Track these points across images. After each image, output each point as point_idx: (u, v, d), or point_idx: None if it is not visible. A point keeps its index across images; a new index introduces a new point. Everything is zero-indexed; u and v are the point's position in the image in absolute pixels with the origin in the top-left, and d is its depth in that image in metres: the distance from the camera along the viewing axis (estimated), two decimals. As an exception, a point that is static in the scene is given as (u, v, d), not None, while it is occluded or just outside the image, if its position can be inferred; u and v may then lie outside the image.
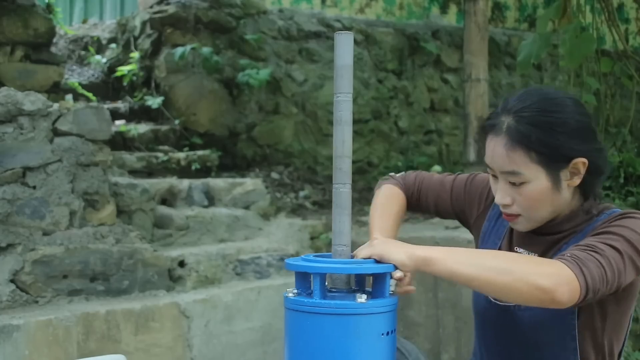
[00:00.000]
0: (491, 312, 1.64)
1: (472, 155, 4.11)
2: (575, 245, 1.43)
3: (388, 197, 1.77)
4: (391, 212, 1.72)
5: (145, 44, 5.22)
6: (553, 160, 1.46)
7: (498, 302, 1.60)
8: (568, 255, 1.37)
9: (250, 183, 4.47)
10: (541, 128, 1.44)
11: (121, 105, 5.09)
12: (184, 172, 4.61)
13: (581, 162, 1.47)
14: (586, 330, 1.52)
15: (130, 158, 4.45)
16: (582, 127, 1.48)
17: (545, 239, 1.57)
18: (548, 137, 1.44)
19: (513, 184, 1.48)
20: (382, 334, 1.29)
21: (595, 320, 1.50)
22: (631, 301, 1.53)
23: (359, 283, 1.40)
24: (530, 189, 1.47)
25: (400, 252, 1.34)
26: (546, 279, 1.30)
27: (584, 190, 1.53)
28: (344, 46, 1.32)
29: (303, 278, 1.36)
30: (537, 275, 1.31)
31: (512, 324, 1.58)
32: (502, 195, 1.50)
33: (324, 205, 4.73)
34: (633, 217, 1.47)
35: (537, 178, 1.46)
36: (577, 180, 1.50)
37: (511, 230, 1.64)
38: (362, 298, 1.27)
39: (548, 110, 1.47)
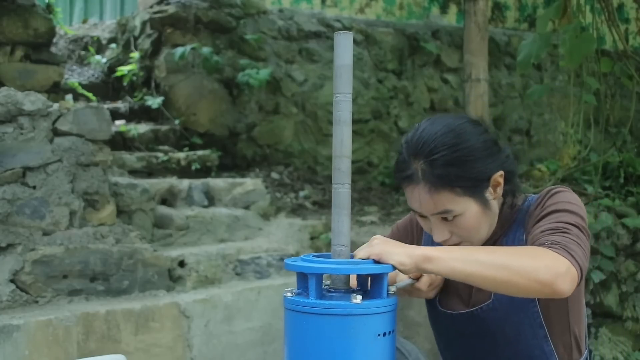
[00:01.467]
0: (455, 324, 1.65)
1: (472, 155, 4.11)
2: (536, 230, 1.47)
3: None
4: None
5: (145, 44, 5.22)
6: (476, 187, 1.51)
7: (460, 312, 1.62)
8: (548, 242, 1.40)
9: (250, 183, 4.47)
10: (455, 165, 1.48)
11: (121, 105, 5.09)
12: (184, 172, 4.61)
13: (498, 176, 1.54)
14: (552, 316, 1.56)
15: (130, 158, 4.45)
16: (488, 145, 1.54)
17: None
18: (465, 171, 1.49)
19: (446, 219, 1.52)
20: (379, 335, 1.28)
21: (556, 302, 1.54)
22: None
23: (360, 283, 1.40)
24: (465, 219, 1.52)
25: (399, 253, 1.35)
26: (544, 271, 1.33)
27: (506, 193, 1.60)
28: (344, 46, 1.32)
29: (303, 278, 1.36)
30: (535, 268, 1.33)
31: (479, 328, 1.61)
32: (439, 234, 1.54)
33: (324, 205, 4.73)
34: (561, 191, 1.55)
35: (468, 208, 1.51)
36: (500, 192, 1.56)
37: None
38: (357, 299, 1.27)
39: (454, 145, 1.49)
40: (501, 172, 1.54)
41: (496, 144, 1.57)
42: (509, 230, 1.60)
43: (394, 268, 1.34)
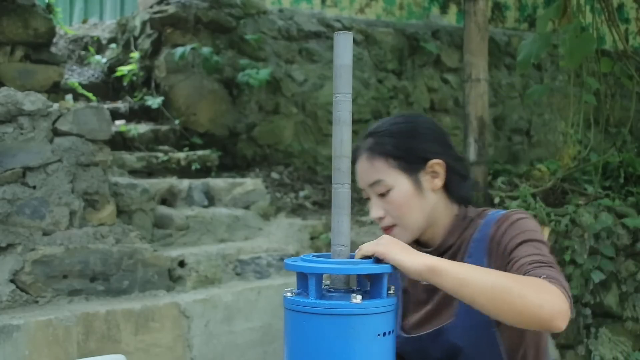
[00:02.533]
0: (421, 347, 1.64)
1: (472, 155, 4.11)
2: (519, 259, 1.45)
3: None
4: None
5: (145, 44, 5.22)
6: (409, 162, 1.57)
7: (427, 332, 1.62)
8: (544, 276, 1.38)
9: (250, 183, 4.47)
10: (395, 136, 1.58)
11: (121, 105, 5.09)
12: (184, 172, 4.61)
13: (437, 164, 1.58)
14: (509, 338, 1.57)
15: (130, 158, 4.45)
16: (434, 135, 1.62)
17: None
18: (402, 142, 1.57)
19: (382, 195, 1.58)
20: (379, 335, 1.28)
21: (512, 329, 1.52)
22: None
23: (361, 283, 1.39)
24: (396, 194, 1.57)
25: (404, 256, 1.33)
26: (548, 307, 1.31)
27: (451, 194, 1.62)
28: (343, 46, 1.32)
29: (303, 278, 1.36)
30: (537, 302, 1.31)
31: (442, 347, 1.60)
32: (375, 209, 1.60)
33: (324, 205, 4.73)
34: (524, 218, 1.57)
35: (399, 183, 1.57)
36: (438, 183, 1.59)
37: None
38: (356, 298, 1.27)
39: (400, 122, 1.63)
40: (440, 162, 1.58)
41: (447, 142, 1.64)
42: (468, 247, 1.59)
43: (394, 269, 1.34)
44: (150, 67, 5.17)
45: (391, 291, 1.36)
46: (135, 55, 5.20)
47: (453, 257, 1.61)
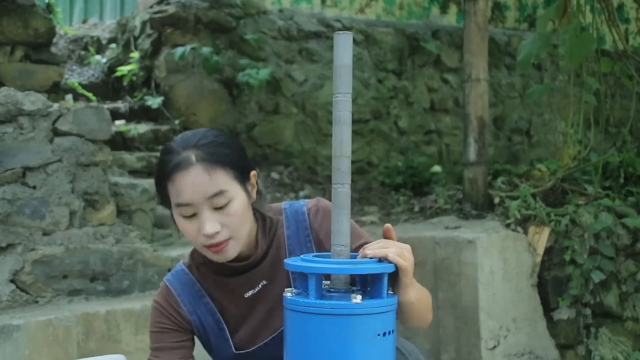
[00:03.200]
0: (263, 351, 1.66)
1: (472, 155, 4.11)
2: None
3: None
4: None
5: (145, 44, 5.22)
6: (241, 173, 1.56)
7: (273, 336, 1.63)
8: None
9: (250, 183, 4.46)
10: (224, 147, 1.55)
11: (121, 105, 5.09)
12: (184, 172, 4.60)
13: (254, 175, 1.61)
14: None
15: (130, 158, 4.45)
16: (241, 146, 1.62)
17: (260, 270, 1.63)
18: (233, 154, 1.56)
19: (219, 208, 1.52)
20: (379, 335, 1.28)
21: None
22: None
23: (361, 283, 1.40)
24: (235, 205, 1.53)
25: (409, 262, 1.38)
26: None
27: (259, 217, 1.66)
28: (343, 46, 1.32)
29: (303, 278, 1.36)
30: (430, 307, 1.58)
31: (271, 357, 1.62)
32: (211, 224, 1.52)
33: (324, 205, 4.72)
34: (329, 205, 1.64)
35: (237, 194, 1.54)
36: (254, 195, 1.61)
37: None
38: (357, 298, 1.27)
39: (220, 134, 1.59)
40: (255, 172, 1.61)
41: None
42: (286, 245, 1.63)
43: (395, 269, 1.34)
44: (150, 67, 5.17)
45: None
46: (135, 55, 5.20)
47: (275, 261, 1.62)
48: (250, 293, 1.63)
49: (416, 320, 1.50)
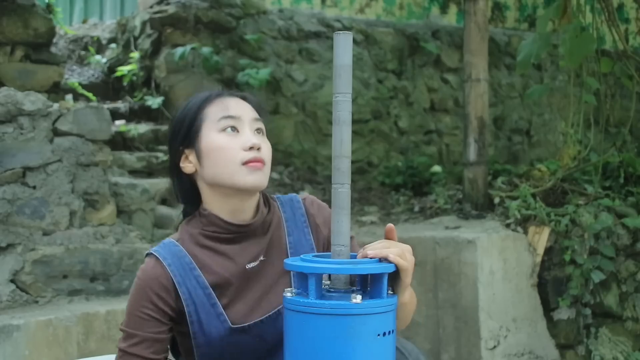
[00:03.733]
0: (254, 330, 1.60)
1: (472, 155, 4.11)
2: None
3: None
4: None
5: (145, 44, 5.22)
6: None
7: (269, 314, 1.59)
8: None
9: (250, 183, 4.46)
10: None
11: (121, 105, 5.09)
12: (184, 172, 4.60)
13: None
14: None
15: (130, 158, 4.45)
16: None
17: (260, 243, 1.63)
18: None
19: (258, 134, 1.62)
20: (379, 335, 1.28)
21: None
22: None
23: (361, 283, 1.39)
24: (267, 141, 1.64)
25: (409, 262, 1.37)
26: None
27: None
28: (343, 46, 1.32)
29: (303, 278, 1.36)
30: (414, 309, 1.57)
31: (279, 331, 1.56)
32: (255, 138, 1.60)
33: (324, 205, 4.72)
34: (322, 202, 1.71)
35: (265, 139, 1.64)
36: None
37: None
38: (356, 298, 1.27)
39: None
40: None
41: None
42: (285, 227, 1.65)
43: (395, 269, 1.34)
44: (150, 67, 5.17)
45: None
46: (135, 55, 5.20)
47: (275, 239, 1.63)
48: (251, 265, 1.59)
49: (402, 321, 1.49)
